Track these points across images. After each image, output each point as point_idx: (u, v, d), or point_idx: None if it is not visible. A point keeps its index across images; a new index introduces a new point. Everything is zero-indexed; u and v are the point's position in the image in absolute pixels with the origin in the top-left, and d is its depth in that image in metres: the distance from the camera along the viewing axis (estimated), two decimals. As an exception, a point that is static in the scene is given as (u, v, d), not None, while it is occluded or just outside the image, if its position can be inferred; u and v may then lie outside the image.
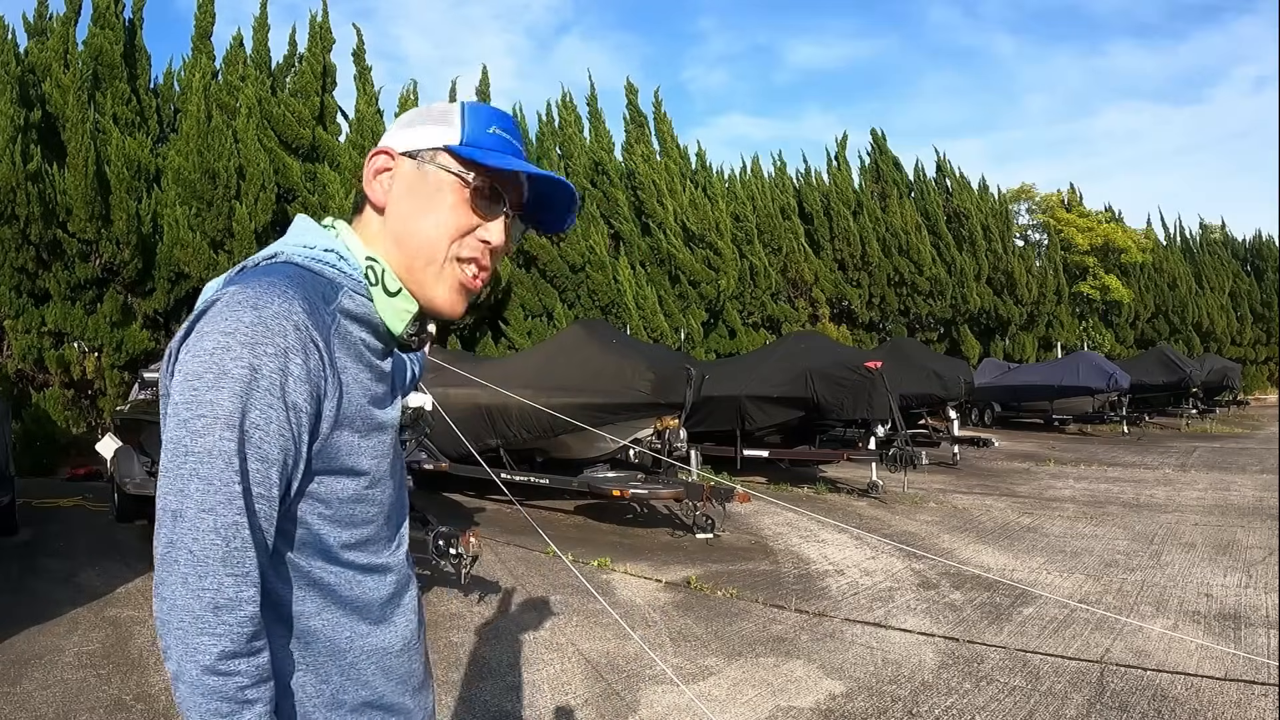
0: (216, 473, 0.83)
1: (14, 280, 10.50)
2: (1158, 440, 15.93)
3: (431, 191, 1.01)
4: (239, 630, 0.83)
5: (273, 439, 0.85)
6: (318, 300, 0.92)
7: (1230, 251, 32.05)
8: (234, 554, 0.83)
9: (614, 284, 14.89)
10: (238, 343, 0.83)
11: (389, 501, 1.03)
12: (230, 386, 0.83)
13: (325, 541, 0.95)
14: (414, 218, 1.00)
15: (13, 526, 6.81)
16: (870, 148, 22.63)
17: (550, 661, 3.99)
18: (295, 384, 0.86)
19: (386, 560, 1.03)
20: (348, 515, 0.96)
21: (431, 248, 1.00)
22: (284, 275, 0.91)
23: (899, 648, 4.21)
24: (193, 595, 0.82)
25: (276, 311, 0.85)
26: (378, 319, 1.00)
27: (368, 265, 1.00)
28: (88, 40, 11.85)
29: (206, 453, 0.83)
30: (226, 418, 0.83)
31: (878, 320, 20.85)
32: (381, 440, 1.00)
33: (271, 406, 0.85)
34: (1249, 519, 7.67)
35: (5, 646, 4.14)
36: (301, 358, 0.87)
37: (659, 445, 7.55)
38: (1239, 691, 3.60)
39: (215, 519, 0.83)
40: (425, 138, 1.02)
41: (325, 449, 0.92)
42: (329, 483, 0.93)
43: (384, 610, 1.01)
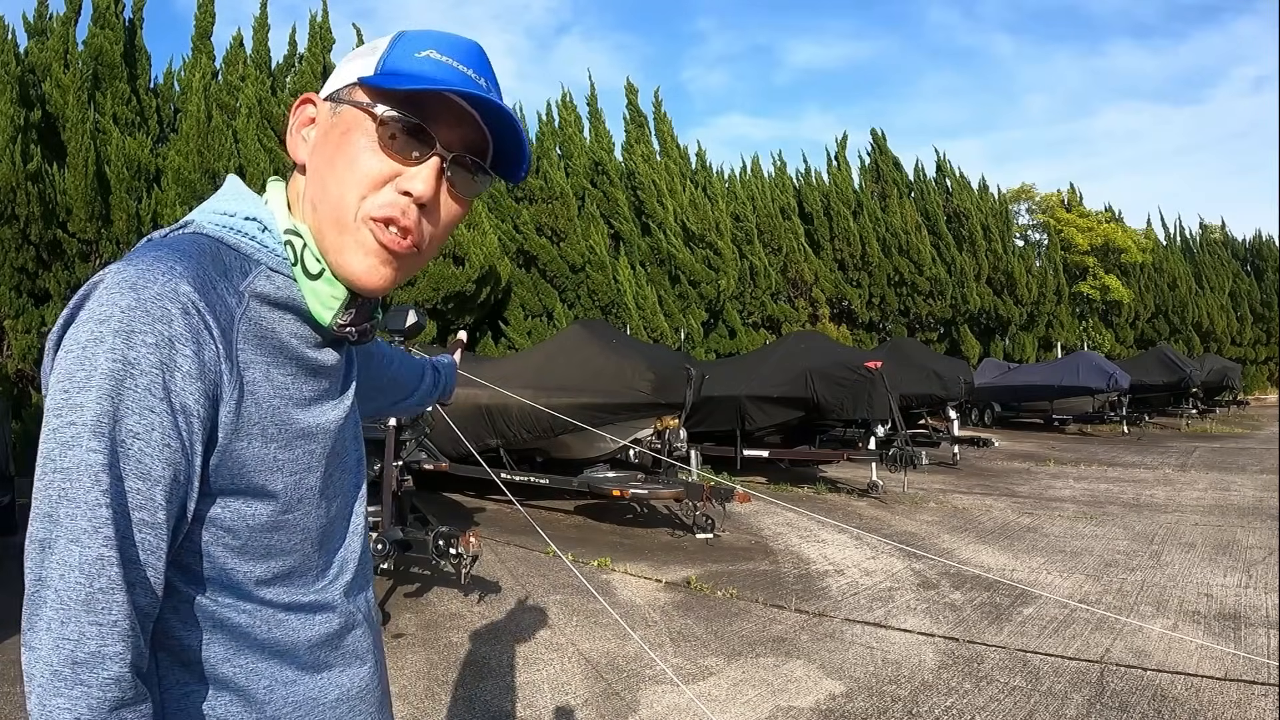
0: (82, 493, 0.67)
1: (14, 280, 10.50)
2: (1158, 440, 15.92)
3: (340, 135, 0.80)
4: (99, 695, 0.66)
5: (155, 450, 0.69)
6: (218, 279, 0.75)
7: (1230, 251, 32.05)
8: (98, 596, 0.66)
9: (614, 284, 14.89)
10: (110, 331, 0.68)
11: (317, 526, 0.85)
12: (100, 385, 0.67)
13: (233, 576, 0.78)
14: (323, 170, 0.81)
15: (12, 526, 6.81)
16: (870, 148, 22.65)
17: (550, 661, 3.99)
18: (184, 381, 0.70)
19: (316, 597, 0.85)
20: (261, 545, 0.79)
21: (338, 205, 0.79)
22: (178, 249, 0.74)
23: (899, 648, 4.21)
24: (53, 646, 0.66)
25: (159, 292, 0.69)
26: (303, 305, 0.82)
27: (287, 240, 0.81)
28: (88, 40, 11.85)
29: (74, 468, 0.67)
30: (94, 424, 0.67)
31: (878, 320, 20.85)
32: (308, 451, 0.83)
33: (153, 410, 0.69)
34: (1249, 519, 7.67)
35: (5, 646, 4.13)
36: (192, 348, 0.70)
37: (659, 445, 7.55)
38: (1239, 691, 3.60)
39: (80, 551, 0.66)
40: (345, 74, 0.83)
41: (224, 463, 0.75)
42: (233, 506, 0.77)
43: (315, 654, 0.84)
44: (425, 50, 0.81)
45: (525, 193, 15.08)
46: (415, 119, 0.79)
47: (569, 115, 16.86)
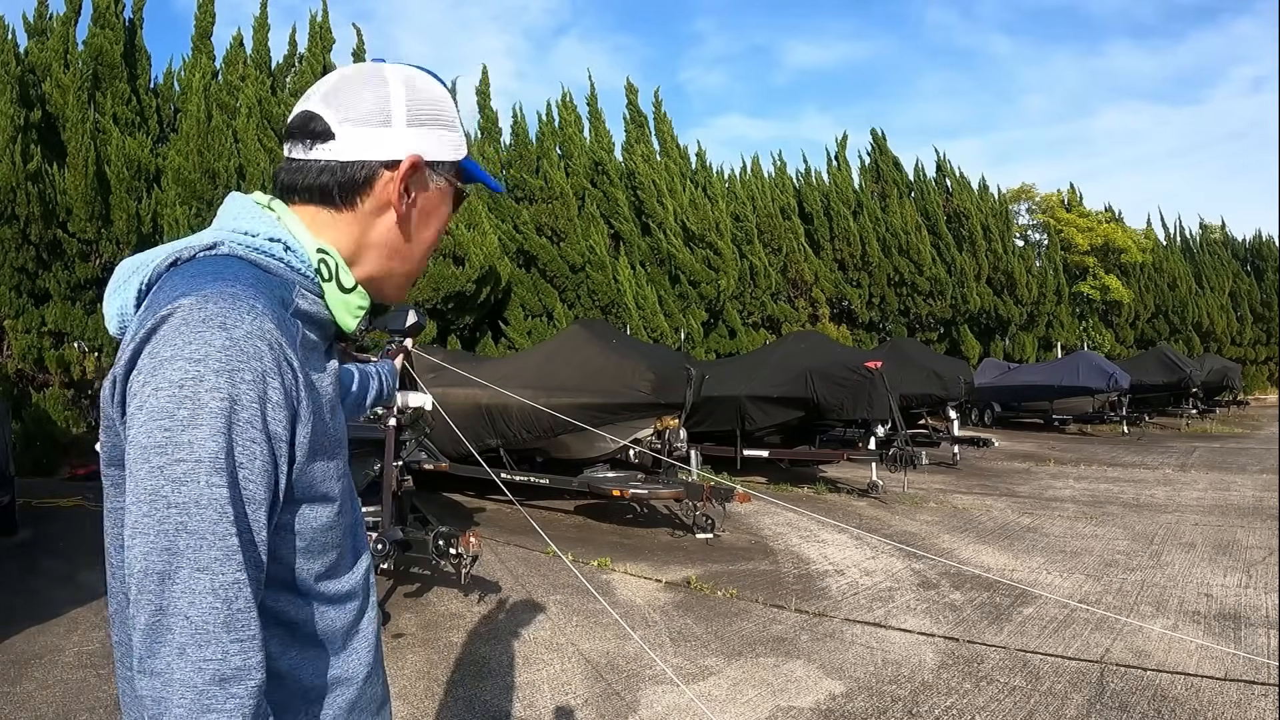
0: (209, 525, 0.72)
1: (14, 280, 10.50)
2: (1158, 440, 15.92)
3: (437, 204, 0.96)
4: (248, 703, 0.72)
5: (258, 478, 0.75)
6: (281, 310, 0.81)
7: (1230, 251, 32.04)
8: (237, 617, 0.72)
9: (614, 284, 14.89)
10: (211, 371, 0.72)
11: (351, 521, 0.95)
12: (210, 423, 0.72)
13: (298, 575, 0.85)
14: (418, 231, 0.95)
15: (13, 526, 6.80)
16: (870, 148, 22.64)
17: (550, 661, 3.99)
18: (274, 411, 0.77)
19: (350, 585, 0.94)
20: (319, 544, 0.87)
21: (420, 260, 0.97)
22: (244, 281, 0.79)
23: (899, 648, 4.21)
24: (193, 668, 0.70)
25: (249, 331, 0.75)
26: (327, 317, 0.90)
27: (320, 258, 0.89)
28: (88, 40, 11.85)
29: (194, 503, 0.71)
30: (212, 460, 0.72)
31: (878, 320, 20.84)
32: (343, 455, 0.91)
33: (254, 441, 0.75)
34: (1249, 519, 7.67)
35: (5, 646, 4.14)
36: (278, 380, 0.77)
37: (659, 445, 7.55)
38: (1239, 691, 3.60)
39: (213, 579, 0.72)
40: (444, 148, 0.94)
41: (302, 477, 0.82)
42: (303, 513, 0.84)
43: (346, 639, 0.92)
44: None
45: (525, 193, 15.09)
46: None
47: (569, 115, 16.86)
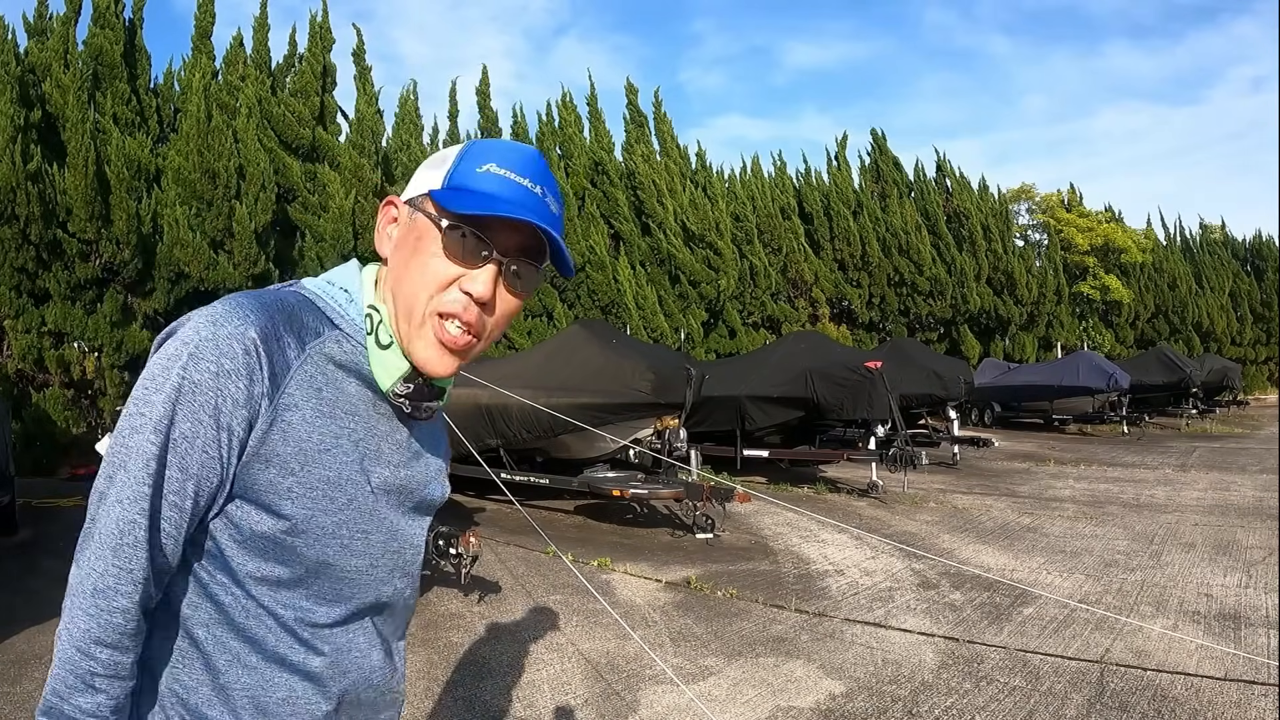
0: (135, 470, 0.85)
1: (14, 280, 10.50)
2: (1158, 440, 15.92)
3: (415, 240, 0.95)
4: (108, 619, 0.84)
5: (196, 453, 0.86)
6: (287, 332, 0.91)
7: (1230, 251, 32.04)
8: (124, 549, 0.85)
9: (614, 284, 14.89)
10: (186, 354, 0.86)
11: (316, 560, 0.94)
12: (167, 394, 0.86)
13: (229, 561, 0.92)
14: (400, 269, 0.95)
15: (13, 526, 6.80)
16: (870, 148, 22.65)
17: (550, 661, 3.99)
18: (231, 406, 0.86)
19: (309, 636, 0.95)
20: (257, 547, 0.91)
21: (410, 301, 0.94)
22: (261, 302, 0.91)
23: (899, 648, 4.21)
24: (85, 574, 0.85)
25: (230, 333, 0.86)
26: (365, 369, 0.96)
27: (368, 312, 0.97)
28: (88, 40, 11.84)
29: (136, 450, 0.86)
30: (155, 422, 0.86)
31: (878, 320, 20.84)
32: (328, 496, 0.93)
33: (201, 423, 0.86)
34: (1249, 519, 7.67)
35: (5, 646, 4.14)
36: (244, 382, 0.86)
37: (659, 445, 7.55)
38: (1239, 691, 3.60)
39: (120, 510, 0.85)
40: (420, 184, 0.97)
41: (240, 476, 0.89)
42: (244, 509, 0.91)
43: (269, 660, 0.93)
44: (486, 164, 0.94)
45: (525, 193, 15.07)
46: (475, 230, 0.92)
47: (569, 115, 16.86)
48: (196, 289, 11.18)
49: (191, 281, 11.05)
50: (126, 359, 11.05)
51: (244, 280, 11.18)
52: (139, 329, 11.24)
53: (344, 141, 13.28)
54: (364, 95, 13.65)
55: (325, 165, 12.80)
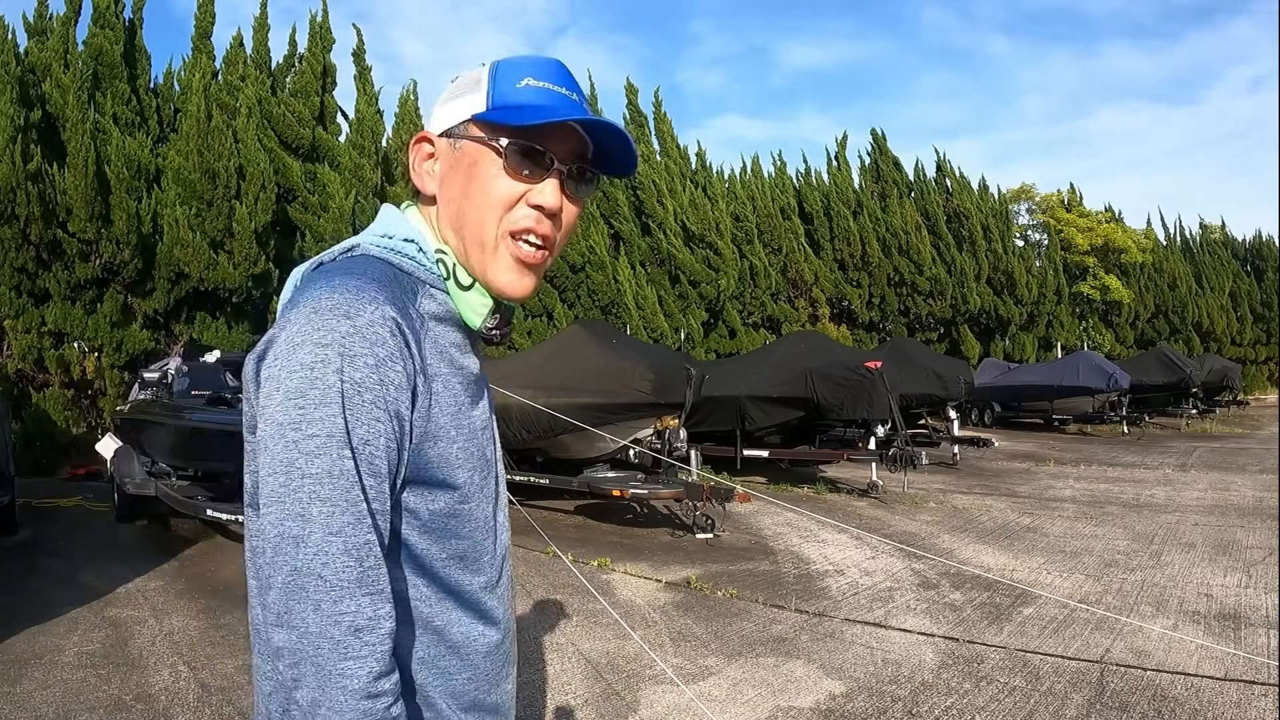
0: (340, 493, 0.79)
1: (14, 280, 10.50)
2: (1158, 440, 15.92)
3: (468, 167, 0.93)
4: (382, 649, 0.80)
5: (381, 453, 0.82)
6: (407, 302, 0.89)
7: (1230, 251, 32.03)
8: (369, 574, 0.80)
9: (614, 284, 14.89)
10: (336, 354, 0.80)
11: (483, 518, 0.96)
12: (335, 401, 0.79)
13: (415, 553, 0.90)
14: (459, 200, 0.94)
15: (13, 526, 6.80)
16: (870, 148, 22.64)
17: (550, 661, 3.99)
18: (396, 391, 0.83)
19: (485, 598, 0.97)
20: (441, 528, 0.91)
21: (479, 229, 0.93)
22: (370, 276, 0.86)
23: (899, 648, 4.21)
24: (330, 621, 0.78)
25: (371, 319, 0.82)
26: (457, 315, 0.96)
27: (438, 258, 0.95)
28: (88, 40, 11.85)
29: (326, 473, 0.79)
30: (341, 436, 0.80)
31: (878, 320, 20.84)
32: (471, 451, 0.94)
33: (378, 420, 0.82)
34: (1249, 519, 7.66)
35: (5, 646, 4.14)
36: (400, 364, 0.83)
37: (659, 445, 7.55)
38: (1239, 691, 3.60)
39: (345, 541, 0.79)
40: (455, 112, 0.95)
41: (415, 460, 0.87)
42: (421, 493, 0.89)
43: (463, 639, 0.95)
44: (523, 79, 0.92)
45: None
46: (535, 144, 0.92)
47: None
48: (196, 289, 11.18)
49: (191, 281, 11.05)
50: (126, 359, 11.06)
51: (244, 280, 11.19)
52: (139, 329, 11.24)
53: (344, 141, 13.29)
54: (364, 95, 13.65)
55: (325, 165, 12.80)
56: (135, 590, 5.24)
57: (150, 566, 5.83)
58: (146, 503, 6.91)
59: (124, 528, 7.19)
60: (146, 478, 6.83)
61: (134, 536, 6.93)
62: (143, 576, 5.54)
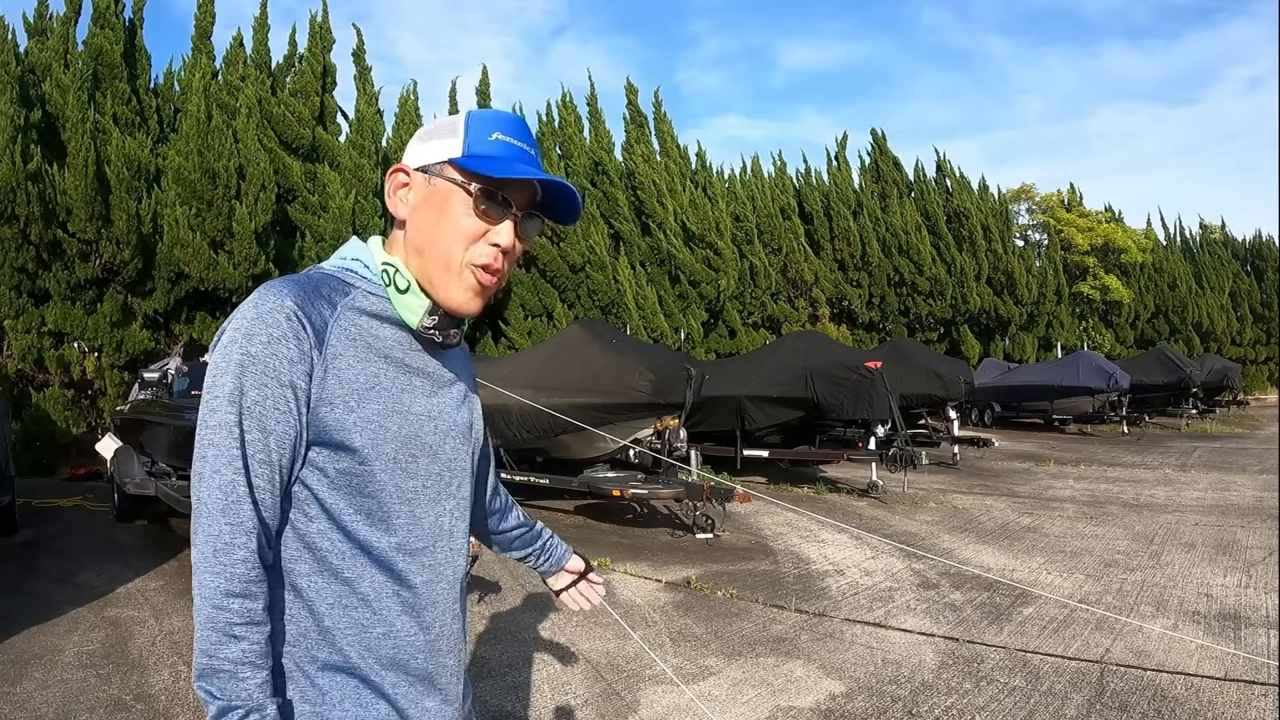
0: (220, 439, 0.98)
1: (14, 280, 10.50)
2: (1158, 440, 15.92)
3: (440, 202, 1.10)
4: (232, 571, 0.96)
5: (269, 412, 0.99)
6: (319, 298, 1.05)
7: (1230, 251, 32.04)
8: (231, 506, 0.97)
9: (614, 284, 14.89)
10: (241, 335, 1.00)
11: (394, 485, 1.08)
12: (233, 371, 0.99)
13: (324, 505, 1.05)
14: (429, 228, 1.10)
15: (13, 526, 6.80)
16: (870, 148, 22.64)
17: (550, 661, 3.99)
18: (289, 365, 1.00)
19: (397, 557, 1.08)
20: (346, 485, 1.05)
21: (447, 254, 1.09)
22: (291, 280, 1.05)
23: (899, 648, 4.21)
24: (204, 540, 0.98)
25: (271, 306, 1.00)
26: (396, 315, 1.11)
27: (383, 269, 1.12)
28: (88, 40, 11.84)
29: (217, 425, 0.99)
30: (229, 396, 0.99)
31: (878, 320, 20.84)
32: (383, 426, 1.07)
33: (267, 386, 0.99)
34: (1249, 519, 7.67)
35: (5, 646, 4.14)
36: (294, 342, 1.00)
37: (659, 445, 7.55)
38: (1239, 691, 3.60)
39: (219, 478, 0.98)
40: (434, 152, 1.11)
41: (313, 422, 1.03)
42: (325, 453, 1.04)
43: (375, 593, 1.07)
44: (493, 133, 1.11)
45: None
46: (500, 192, 1.09)
47: (569, 115, 16.86)
48: (196, 289, 11.18)
49: (191, 281, 11.05)
50: (126, 359, 11.05)
51: (244, 280, 11.18)
52: (139, 329, 11.24)
53: (344, 141, 13.28)
54: (364, 95, 13.65)
55: (325, 165, 12.80)
56: (135, 590, 5.24)
57: (150, 566, 5.83)
58: (146, 503, 6.91)
59: (124, 528, 7.19)
60: (146, 478, 6.83)
61: (134, 536, 6.92)
62: (143, 576, 5.54)
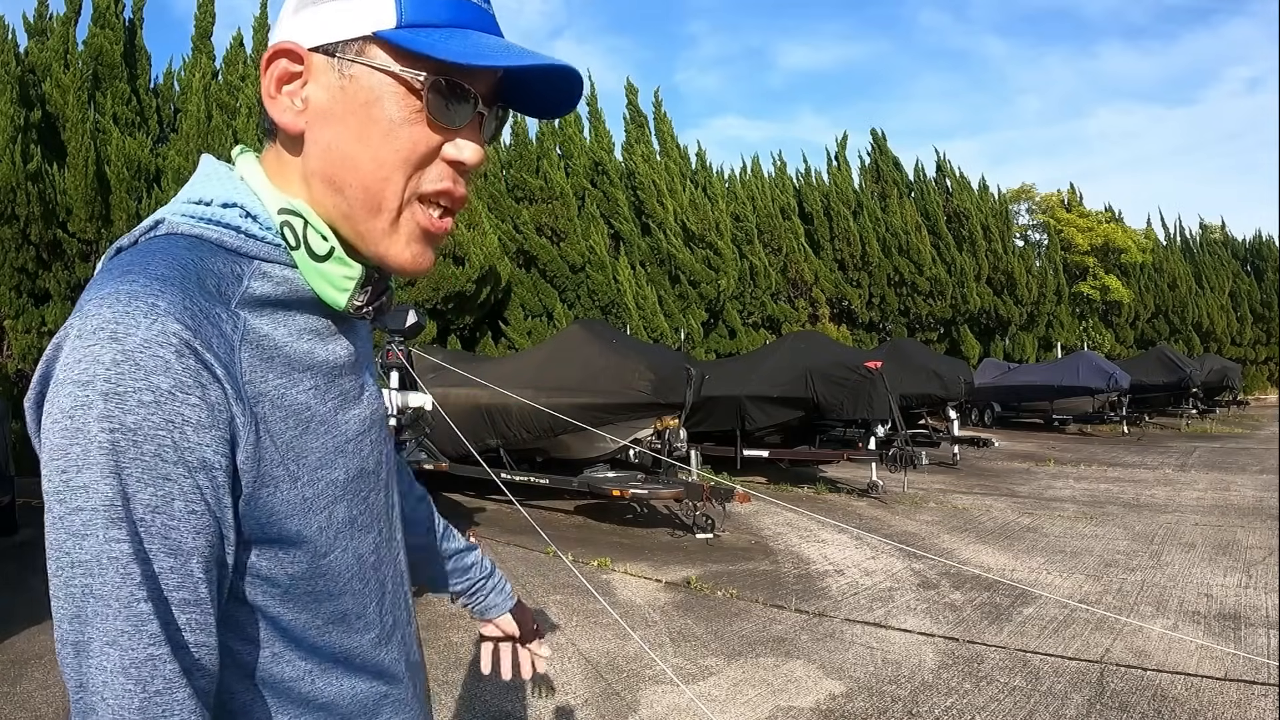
0: (112, 589, 0.57)
1: (14, 280, 10.50)
2: (1158, 440, 15.92)
3: (363, 105, 0.68)
4: None
5: (180, 521, 0.60)
6: (208, 303, 0.63)
7: (1230, 251, 32.04)
8: (154, 700, 0.58)
9: (614, 284, 14.89)
10: (98, 395, 0.57)
11: (354, 557, 0.75)
12: (101, 461, 0.57)
13: (283, 625, 0.70)
14: (346, 146, 0.69)
15: (13, 526, 6.81)
16: (870, 148, 22.64)
17: (550, 661, 3.99)
18: (195, 434, 0.60)
19: (372, 653, 0.78)
20: (305, 592, 0.71)
21: (379, 189, 0.69)
22: (155, 274, 0.61)
23: (899, 648, 4.21)
24: None
25: (145, 339, 0.58)
26: (309, 294, 0.71)
27: (283, 221, 0.70)
28: (88, 40, 11.85)
29: (95, 561, 0.58)
30: (106, 508, 0.58)
31: (878, 320, 20.84)
32: (331, 481, 0.72)
33: (167, 477, 0.59)
34: (1249, 519, 7.67)
35: (5, 646, 4.14)
36: (197, 395, 0.60)
37: (659, 445, 7.55)
38: (1239, 691, 3.60)
39: (122, 655, 0.57)
40: (342, 21, 0.68)
41: (252, 512, 0.66)
42: (269, 554, 0.68)
43: (368, 708, 0.78)
44: None
45: (525, 193, 15.09)
46: (463, 82, 0.69)
47: (569, 115, 16.86)
48: (196, 289, 11.18)
49: (191, 281, 11.04)
50: (126, 359, 11.05)
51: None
52: (139, 329, 11.24)
53: (344, 141, 13.27)
54: (364, 95, 13.63)
55: (325, 165, 12.79)
56: (135, 590, 5.23)
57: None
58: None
59: (124, 528, 7.18)
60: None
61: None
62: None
